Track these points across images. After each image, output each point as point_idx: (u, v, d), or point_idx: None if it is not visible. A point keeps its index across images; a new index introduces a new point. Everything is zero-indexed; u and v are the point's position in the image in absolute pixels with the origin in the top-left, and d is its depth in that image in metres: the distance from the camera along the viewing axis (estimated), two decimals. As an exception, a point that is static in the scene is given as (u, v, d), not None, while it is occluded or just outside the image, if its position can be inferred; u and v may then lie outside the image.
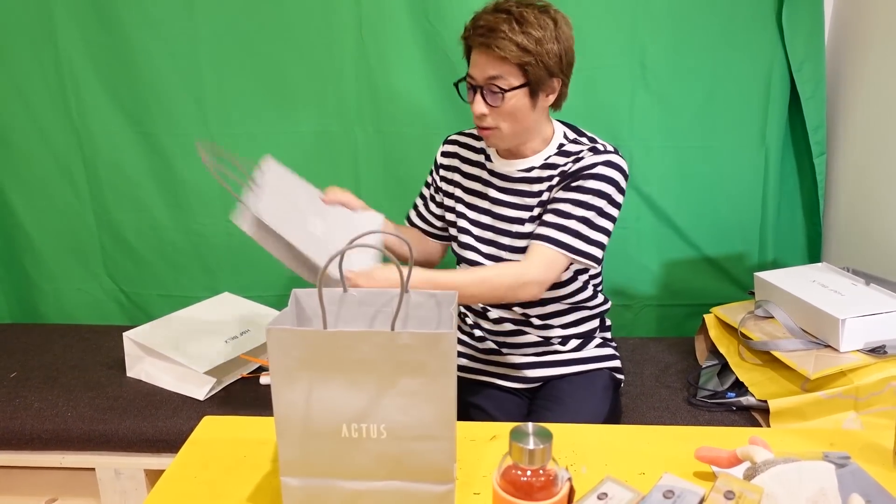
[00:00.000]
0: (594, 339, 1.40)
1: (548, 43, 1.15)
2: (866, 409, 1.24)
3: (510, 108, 1.18)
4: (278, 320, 0.78)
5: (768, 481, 0.71)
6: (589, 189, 1.20)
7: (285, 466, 0.77)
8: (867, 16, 1.64)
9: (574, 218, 1.19)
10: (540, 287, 1.19)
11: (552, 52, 1.16)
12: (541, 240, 1.20)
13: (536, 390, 1.37)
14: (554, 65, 1.17)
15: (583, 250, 1.20)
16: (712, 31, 1.68)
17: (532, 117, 1.21)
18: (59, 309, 1.95)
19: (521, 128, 1.22)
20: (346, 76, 1.73)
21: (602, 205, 1.20)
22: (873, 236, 1.62)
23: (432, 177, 1.45)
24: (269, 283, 1.87)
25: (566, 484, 0.68)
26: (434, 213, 1.45)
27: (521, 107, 1.19)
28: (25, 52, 1.73)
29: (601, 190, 1.20)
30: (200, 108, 1.75)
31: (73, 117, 1.77)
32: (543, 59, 1.15)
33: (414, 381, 0.73)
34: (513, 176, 1.29)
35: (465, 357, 1.42)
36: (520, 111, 1.19)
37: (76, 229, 1.87)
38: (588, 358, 1.37)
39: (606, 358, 1.39)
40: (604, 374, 1.37)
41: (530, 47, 1.14)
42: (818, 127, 1.74)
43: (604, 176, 1.20)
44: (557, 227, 1.20)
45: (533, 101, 1.19)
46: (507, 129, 1.21)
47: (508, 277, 1.19)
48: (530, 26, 1.14)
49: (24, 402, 1.48)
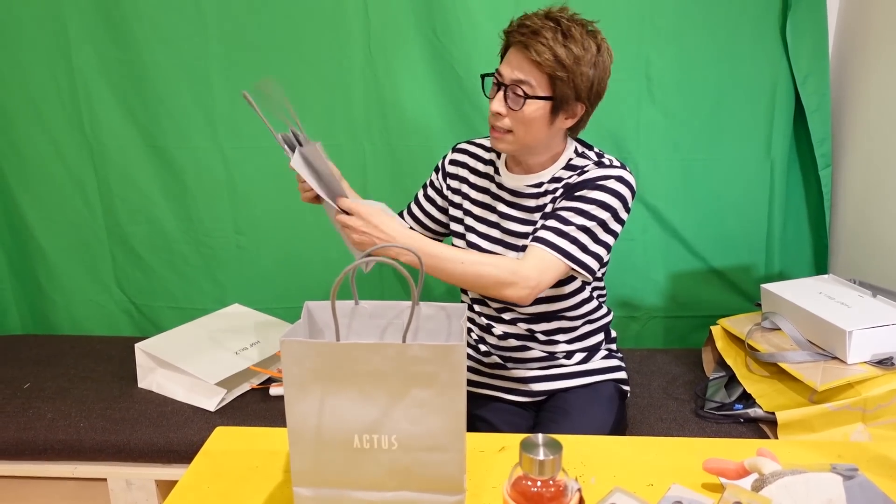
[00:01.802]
0: (600, 351, 1.40)
1: (585, 65, 1.14)
2: (874, 420, 1.24)
3: (528, 116, 1.16)
4: (292, 332, 0.79)
5: (776, 493, 0.72)
6: (594, 200, 1.18)
7: (297, 477, 0.78)
8: (871, 29, 1.65)
9: (574, 225, 1.17)
10: (529, 291, 1.14)
11: (586, 75, 1.14)
12: (538, 242, 1.17)
13: (542, 403, 1.37)
14: (584, 88, 1.15)
15: (580, 259, 1.16)
16: (717, 45, 1.70)
17: (546, 133, 1.20)
18: (71, 320, 1.96)
19: (532, 140, 1.20)
20: (354, 90, 1.75)
21: (606, 218, 1.18)
22: (880, 248, 1.62)
23: (438, 180, 1.44)
24: (279, 294, 1.89)
25: (576, 495, 0.69)
26: (426, 210, 1.46)
27: (539, 119, 1.17)
28: (40, 66, 1.76)
29: (607, 202, 1.18)
30: (211, 122, 1.78)
31: (85, 131, 1.80)
32: (576, 79, 1.14)
33: (424, 393, 0.74)
34: (521, 191, 1.28)
35: (470, 371, 1.41)
36: (536, 123, 1.17)
37: (88, 241, 1.89)
38: (593, 370, 1.37)
39: (612, 370, 1.39)
40: (609, 385, 1.37)
41: (567, 62, 1.12)
42: (823, 139, 1.75)
43: (612, 189, 1.18)
44: (556, 232, 1.17)
45: (552, 118, 1.18)
46: (519, 137, 1.19)
47: (500, 270, 1.13)
48: (573, 42, 1.12)
49: (38, 412, 1.49)
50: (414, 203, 1.49)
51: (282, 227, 1.85)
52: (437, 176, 1.44)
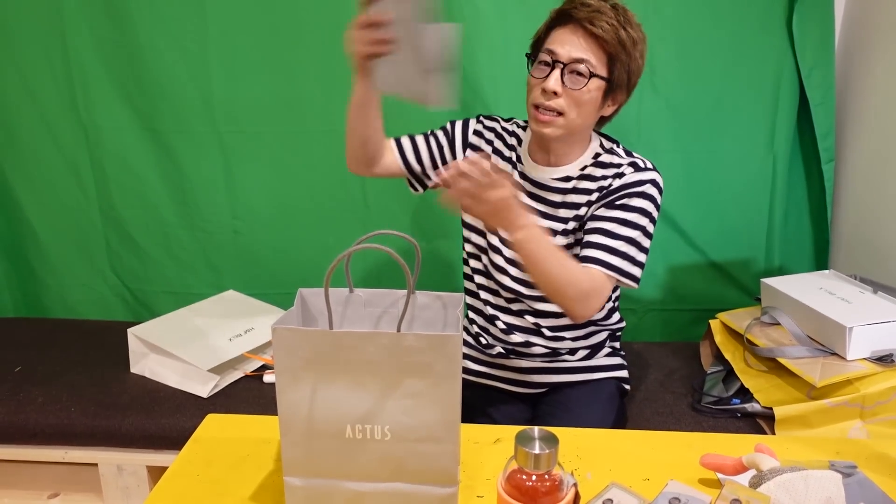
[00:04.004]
0: (603, 348, 1.39)
1: (638, 52, 1.14)
2: (872, 417, 1.23)
3: (584, 97, 1.13)
4: (284, 320, 0.78)
5: (775, 490, 0.71)
6: (635, 208, 1.16)
7: (288, 466, 0.77)
8: (877, 23, 1.63)
9: (622, 239, 1.15)
10: (596, 311, 1.15)
11: (637, 62, 1.15)
12: (594, 264, 1.14)
13: (542, 396, 1.36)
14: (634, 75, 1.16)
15: (629, 272, 1.15)
16: (721, 37, 1.68)
17: (593, 118, 1.18)
18: (64, 304, 1.95)
19: (580, 124, 1.16)
20: (353, 75, 1.72)
21: (646, 224, 1.17)
22: (881, 244, 1.61)
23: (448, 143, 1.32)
24: (274, 281, 1.87)
25: (571, 489, 0.68)
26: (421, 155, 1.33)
27: (592, 101, 1.14)
28: (34, 47, 1.73)
29: (646, 210, 1.16)
30: (208, 105, 1.75)
31: (80, 113, 1.78)
32: (631, 63, 1.14)
33: (419, 383, 0.72)
34: (547, 184, 1.24)
35: (470, 360, 1.40)
36: (588, 105, 1.14)
37: (82, 225, 1.88)
38: (596, 367, 1.36)
39: (615, 367, 1.38)
40: (611, 383, 1.36)
41: (627, 45, 1.11)
42: (827, 133, 1.73)
43: (650, 196, 1.17)
44: (607, 250, 1.14)
45: (602, 102, 1.16)
46: (571, 120, 1.14)
47: (589, 284, 1.11)
48: (631, 27, 1.12)
49: (28, 396, 1.48)
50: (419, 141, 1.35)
51: (279, 212, 1.84)
52: (451, 139, 1.33)
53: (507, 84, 1.65)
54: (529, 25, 1.25)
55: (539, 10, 1.25)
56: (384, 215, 1.82)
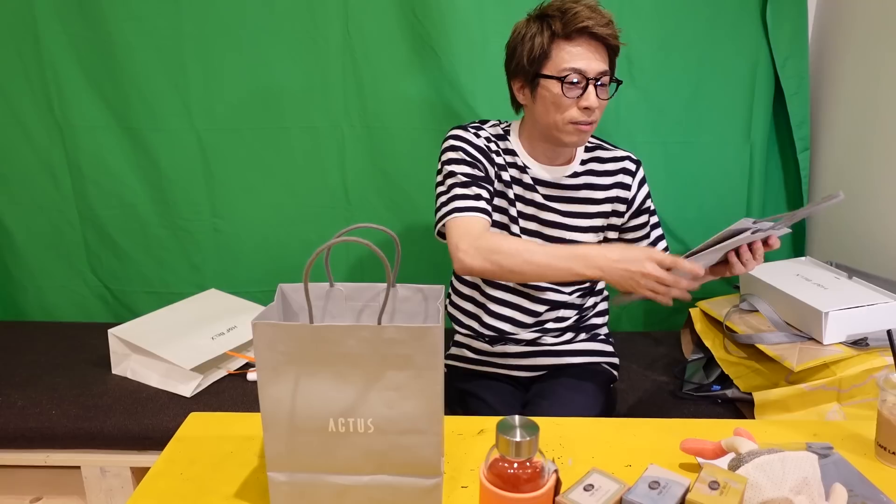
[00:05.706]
0: (592, 333, 1.41)
1: None
2: (849, 400, 1.26)
3: (606, 102, 1.21)
4: (264, 315, 0.78)
5: (752, 471, 0.72)
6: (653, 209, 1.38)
7: (272, 462, 0.77)
8: (850, 14, 1.66)
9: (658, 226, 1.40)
10: None
11: None
12: None
13: (532, 381, 1.38)
14: None
15: None
16: (698, 27, 1.69)
17: None
18: (42, 307, 1.92)
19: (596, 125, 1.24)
20: (332, 71, 1.72)
21: None
22: (856, 231, 1.64)
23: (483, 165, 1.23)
24: (256, 279, 1.86)
25: (552, 476, 0.68)
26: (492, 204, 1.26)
27: None
28: (6, 45, 1.70)
29: None
30: (185, 103, 1.74)
31: (54, 112, 1.75)
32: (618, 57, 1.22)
33: (400, 375, 0.73)
34: (562, 183, 1.29)
35: (464, 347, 1.41)
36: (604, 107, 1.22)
37: (59, 226, 1.85)
38: (585, 351, 1.38)
39: (604, 353, 1.41)
40: (600, 368, 1.38)
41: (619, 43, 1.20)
42: (802, 123, 1.75)
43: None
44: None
45: None
46: (595, 125, 1.22)
47: None
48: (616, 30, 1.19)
49: (8, 400, 1.46)
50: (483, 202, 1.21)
51: (259, 210, 1.83)
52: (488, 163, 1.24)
53: (484, 76, 1.66)
54: (507, 18, 1.26)
55: (516, 3, 1.25)
56: (366, 211, 1.81)
